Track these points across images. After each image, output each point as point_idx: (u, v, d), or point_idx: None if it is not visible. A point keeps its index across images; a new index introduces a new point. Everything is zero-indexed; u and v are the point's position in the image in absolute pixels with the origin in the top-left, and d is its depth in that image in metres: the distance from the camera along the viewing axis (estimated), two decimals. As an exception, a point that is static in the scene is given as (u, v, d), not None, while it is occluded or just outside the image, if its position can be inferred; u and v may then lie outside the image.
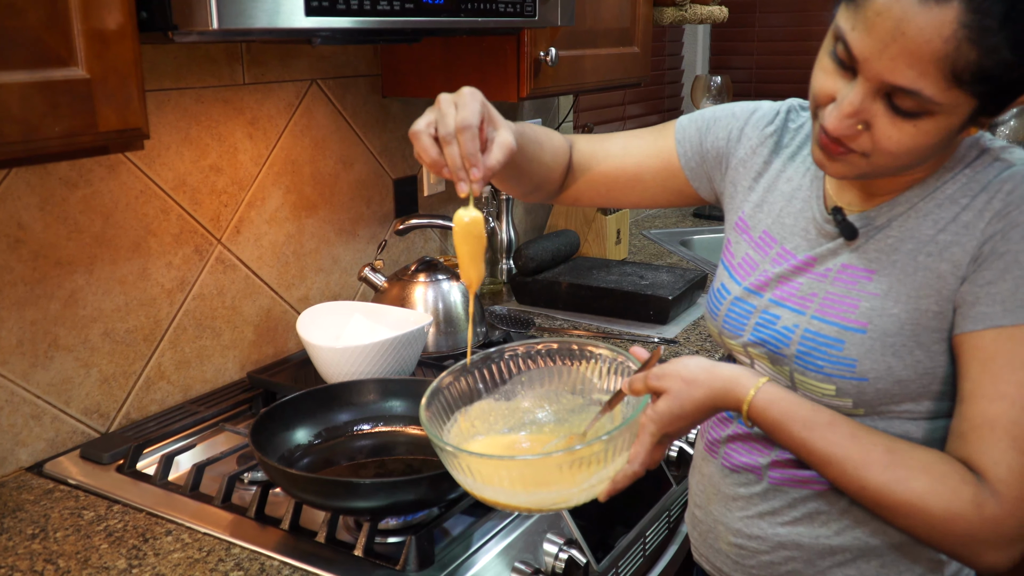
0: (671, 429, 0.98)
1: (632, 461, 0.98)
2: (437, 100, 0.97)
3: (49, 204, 1.35)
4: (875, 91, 0.87)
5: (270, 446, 1.25)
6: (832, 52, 0.90)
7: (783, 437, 0.96)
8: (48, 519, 1.22)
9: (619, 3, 1.96)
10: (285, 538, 1.18)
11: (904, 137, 0.88)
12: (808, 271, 1.05)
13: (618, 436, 0.95)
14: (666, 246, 2.72)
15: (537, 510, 0.99)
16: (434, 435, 0.97)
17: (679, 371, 0.98)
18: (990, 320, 0.90)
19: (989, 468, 0.88)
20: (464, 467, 0.96)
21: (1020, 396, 0.88)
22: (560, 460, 0.94)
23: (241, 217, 1.65)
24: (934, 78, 0.82)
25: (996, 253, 0.91)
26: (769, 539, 1.08)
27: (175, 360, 1.58)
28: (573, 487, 0.96)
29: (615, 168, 1.25)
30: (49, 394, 1.39)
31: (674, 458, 1.56)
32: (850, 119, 0.89)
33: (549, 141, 1.21)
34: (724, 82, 3.07)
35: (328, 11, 1.12)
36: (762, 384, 0.96)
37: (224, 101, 1.59)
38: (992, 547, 0.88)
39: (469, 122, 0.93)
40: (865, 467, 0.91)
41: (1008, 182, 0.93)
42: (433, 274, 1.74)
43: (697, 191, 1.23)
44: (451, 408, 1.08)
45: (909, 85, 0.83)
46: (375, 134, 1.92)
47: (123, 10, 0.98)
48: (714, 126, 1.20)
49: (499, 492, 0.96)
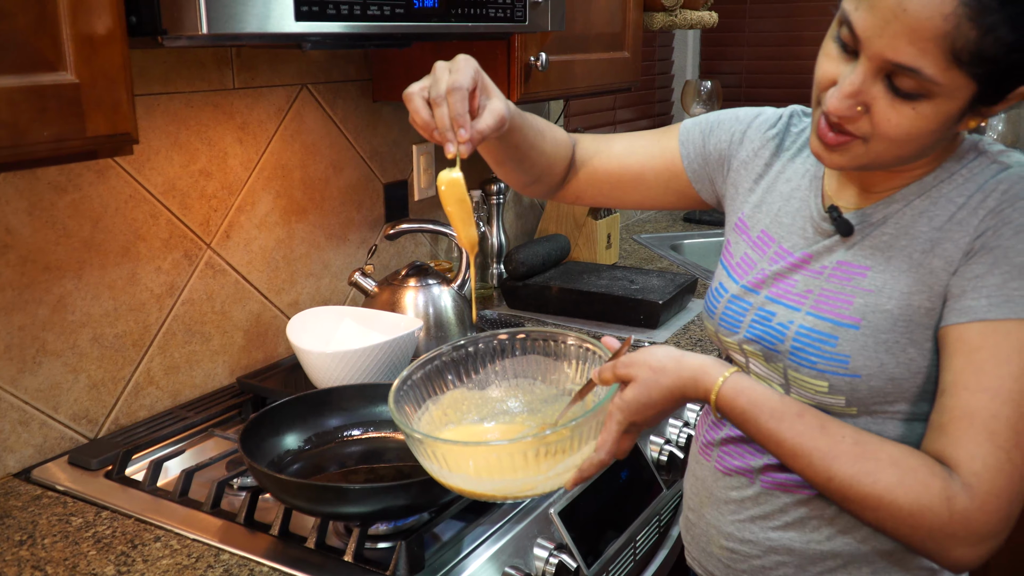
0: (638, 418, 0.98)
1: (599, 449, 0.98)
2: (433, 67, 0.99)
3: (37, 209, 1.35)
4: (876, 71, 0.88)
5: (259, 451, 1.25)
6: (836, 37, 0.92)
7: (751, 428, 0.95)
8: (36, 525, 1.22)
9: (609, 8, 1.96)
10: (274, 544, 1.18)
11: (903, 120, 0.88)
12: (804, 268, 1.05)
13: (584, 424, 0.95)
14: (656, 251, 2.72)
15: (503, 498, 0.99)
16: (402, 423, 0.98)
17: (647, 360, 0.98)
18: (976, 313, 0.91)
19: (964, 461, 0.87)
20: (430, 453, 0.96)
21: (1002, 390, 0.88)
22: (526, 447, 0.94)
23: (231, 222, 1.65)
24: (934, 56, 0.83)
25: (986, 248, 0.92)
26: (761, 543, 1.08)
27: (164, 365, 1.57)
28: (539, 475, 0.96)
29: (618, 167, 1.26)
30: (37, 400, 1.38)
31: (664, 462, 1.56)
32: (850, 99, 0.89)
33: (550, 131, 1.22)
34: (714, 87, 3.08)
35: (318, 16, 1.12)
36: (730, 374, 0.96)
37: (214, 106, 1.59)
38: (961, 543, 0.87)
39: (460, 84, 0.95)
40: (833, 458, 0.91)
41: (1004, 182, 0.94)
42: (424, 279, 1.74)
43: (699, 193, 1.25)
44: (423, 397, 1.09)
45: (909, 63, 0.84)
46: (365, 139, 1.92)
47: (112, 15, 0.98)
48: (717, 128, 1.22)
49: (466, 479, 0.97)
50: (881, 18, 0.85)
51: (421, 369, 1.09)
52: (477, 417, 1.11)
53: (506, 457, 0.95)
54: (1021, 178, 0.94)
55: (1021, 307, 0.89)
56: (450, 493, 1.13)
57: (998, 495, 0.86)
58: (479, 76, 0.99)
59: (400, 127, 2.01)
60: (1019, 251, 0.90)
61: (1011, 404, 0.87)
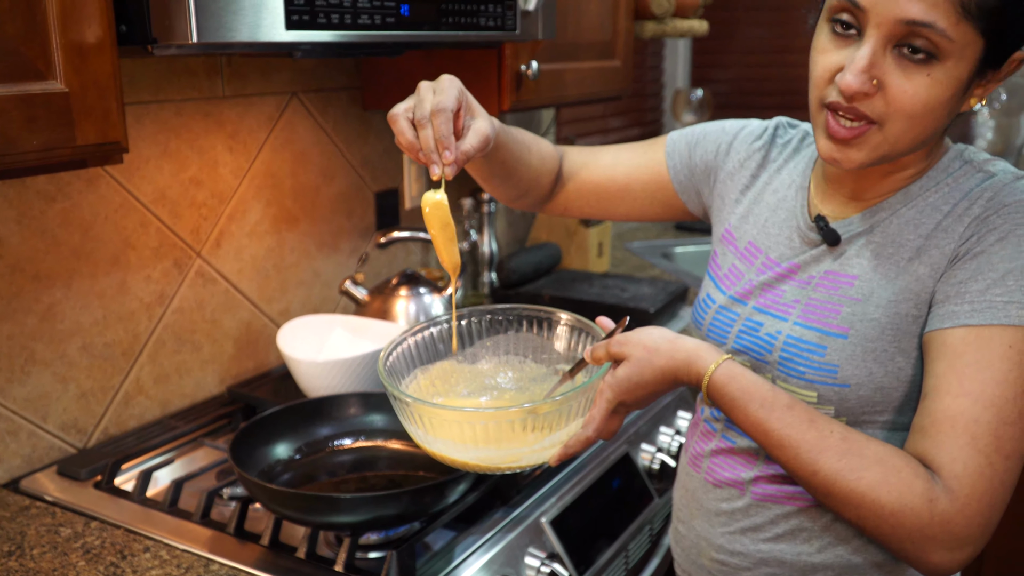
0: (628, 397, 0.98)
1: (586, 425, 0.99)
2: (417, 87, 0.99)
3: (26, 218, 1.34)
4: (886, 41, 0.88)
5: (250, 461, 1.25)
6: (829, 30, 0.93)
7: (740, 416, 0.95)
8: (24, 536, 1.21)
9: (600, 17, 1.97)
10: (265, 554, 1.17)
11: (919, 89, 0.89)
12: (791, 278, 1.06)
13: (573, 398, 0.96)
14: (648, 259, 2.72)
15: (486, 468, 0.98)
16: (390, 384, 0.98)
17: (642, 339, 0.98)
18: (959, 318, 0.91)
19: (945, 465, 0.87)
20: (416, 416, 0.96)
21: (984, 395, 0.88)
22: (513, 416, 0.94)
23: (221, 230, 1.65)
24: (944, 9, 0.85)
25: (971, 254, 0.93)
26: (751, 555, 1.08)
27: (154, 375, 1.56)
28: (524, 447, 0.97)
29: (605, 178, 1.27)
30: (26, 409, 1.37)
31: (656, 471, 1.56)
32: (865, 73, 0.89)
33: (536, 145, 1.23)
34: (705, 96, 3.09)
35: (309, 25, 1.12)
36: (724, 360, 0.97)
37: (204, 114, 1.59)
38: (940, 546, 0.87)
39: (444, 106, 0.95)
40: (819, 452, 0.91)
41: (988, 190, 0.95)
42: (415, 287, 1.74)
43: (685, 204, 1.26)
44: (412, 364, 1.09)
45: (923, 17, 0.85)
46: (356, 147, 1.92)
47: (102, 24, 0.98)
48: (704, 140, 1.23)
49: (449, 446, 0.97)
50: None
51: (413, 336, 1.09)
52: (466, 391, 1.11)
53: (492, 426, 0.95)
54: (1006, 185, 0.95)
55: (1003, 313, 0.89)
56: (442, 502, 1.13)
57: (979, 499, 0.86)
58: (463, 96, 0.99)
59: (391, 135, 2.01)
60: (1003, 257, 0.91)
61: (992, 409, 0.87)
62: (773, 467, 1.05)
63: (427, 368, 1.10)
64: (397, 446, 1.37)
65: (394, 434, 1.37)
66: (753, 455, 1.07)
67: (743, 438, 1.08)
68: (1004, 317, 0.89)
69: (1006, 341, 0.89)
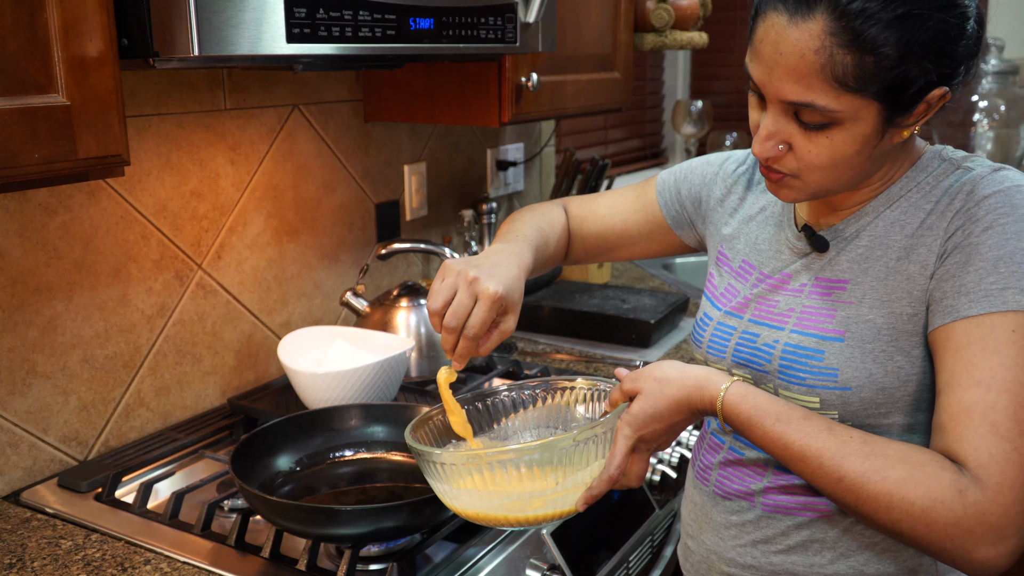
0: (646, 431, 0.99)
1: (608, 464, 0.99)
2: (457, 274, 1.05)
3: (28, 230, 1.34)
4: (782, 112, 0.94)
5: (251, 473, 1.24)
6: (749, 88, 0.99)
7: (758, 432, 0.96)
8: (25, 549, 1.21)
9: (600, 29, 1.98)
10: (266, 566, 1.17)
11: (822, 150, 0.93)
12: (784, 288, 1.07)
13: (590, 432, 0.96)
14: (648, 270, 2.72)
15: (515, 520, 0.99)
16: (411, 440, 1.00)
17: (652, 372, 1.02)
18: (958, 312, 0.92)
19: (969, 455, 0.87)
20: (438, 468, 0.97)
21: (994, 381, 0.88)
22: (532, 450, 0.94)
23: (222, 242, 1.65)
24: (821, 89, 0.89)
25: (959, 247, 0.94)
26: (763, 568, 1.07)
27: (155, 387, 1.56)
28: (547, 489, 0.97)
29: (605, 228, 1.33)
30: (27, 422, 1.37)
31: (657, 482, 1.56)
32: (768, 141, 0.96)
33: (552, 231, 1.29)
34: (705, 107, 3.10)
35: (310, 38, 1.13)
36: (733, 381, 0.99)
37: (205, 127, 1.59)
38: (981, 541, 0.84)
39: (475, 333, 1.03)
40: (843, 457, 0.90)
41: (967, 184, 0.97)
42: (415, 299, 1.74)
43: (681, 239, 1.31)
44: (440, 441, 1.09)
45: (801, 99, 0.90)
46: (357, 159, 1.93)
47: (103, 37, 0.98)
48: (691, 174, 1.28)
49: (473, 496, 0.97)
50: (766, 65, 0.92)
51: (442, 414, 1.10)
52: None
53: (512, 467, 0.95)
54: (984, 177, 0.96)
55: (1000, 300, 0.90)
56: (443, 514, 1.13)
57: (1011, 486, 0.85)
58: (501, 304, 1.04)
59: (391, 147, 2.01)
60: (990, 246, 0.92)
61: (1007, 394, 0.87)
62: (783, 477, 1.05)
63: (456, 444, 1.11)
64: (398, 458, 1.37)
65: (395, 446, 1.37)
66: (762, 465, 1.07)
67: (751, 449, 1.08)
68: (1002, 304, 0.90)
69: (1008, 326, 0.89)
